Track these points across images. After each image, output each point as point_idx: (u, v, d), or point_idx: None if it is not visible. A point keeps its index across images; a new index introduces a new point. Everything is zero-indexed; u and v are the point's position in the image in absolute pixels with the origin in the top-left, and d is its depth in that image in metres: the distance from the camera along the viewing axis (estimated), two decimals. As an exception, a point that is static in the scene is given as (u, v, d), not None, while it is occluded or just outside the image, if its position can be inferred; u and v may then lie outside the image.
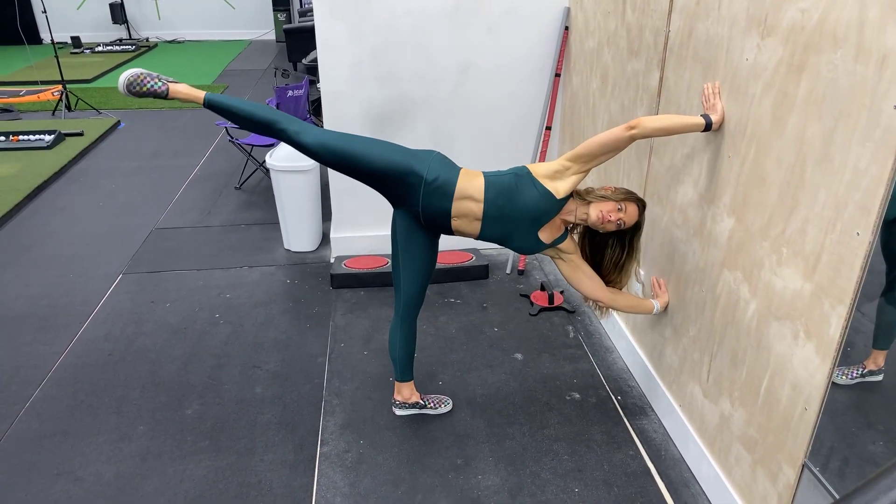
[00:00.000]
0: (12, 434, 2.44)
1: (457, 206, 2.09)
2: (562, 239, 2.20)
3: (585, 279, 2.25)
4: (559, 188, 2.07)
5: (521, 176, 2.09)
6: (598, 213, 2.09)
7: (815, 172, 1.55)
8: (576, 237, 2.28)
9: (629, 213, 2.11)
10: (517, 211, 2.08)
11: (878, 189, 1.35)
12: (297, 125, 2.07)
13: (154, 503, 2.14)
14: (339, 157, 2.07)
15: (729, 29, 1.89)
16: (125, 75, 2.04)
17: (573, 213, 2.14)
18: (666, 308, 2.39)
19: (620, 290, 2.32)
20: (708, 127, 1.95)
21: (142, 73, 2.06)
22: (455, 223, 2.12)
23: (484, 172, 2.14)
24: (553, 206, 2.09)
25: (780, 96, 1.67)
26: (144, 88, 2.06)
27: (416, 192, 2.08)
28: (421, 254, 2.22)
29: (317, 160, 2.12)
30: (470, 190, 2.08)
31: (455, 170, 2.12)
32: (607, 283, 2.30)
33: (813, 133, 1.55)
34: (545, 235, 2.16)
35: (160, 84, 2.07)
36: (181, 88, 2.08)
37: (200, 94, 2.07)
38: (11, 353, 2.91)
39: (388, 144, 2.11)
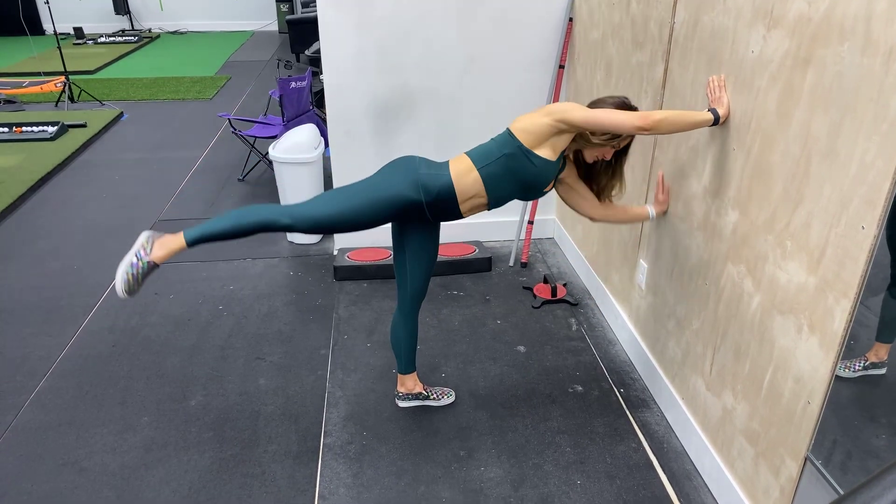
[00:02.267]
0: (18, 424, 2.45)
1: (465, 206, 2.09)
2: (561, 170, 2.19)
3: (580, 199, 2.25)
4: (556, 149, 2.02)
5: (513, 156, 2.01)
6: (595, 157, 2.14)
7: (820, 166, 1.54)
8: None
9: (622, 142, 2.13)
10: (521, 184, 2.07)
11: (884, 183, 1.35)
12: (286, 217, 2.01)
13: (158, 493, 2.16)
14: (336, 227, 2.07)
15: (735, 20, 1.88)
16: (119, 288, 1.99)
17: (569, 148, 2.13)
18: (664, 213, 2.39)
19: (611, 201, 2.30)
20: (716, 121, 1.94)
21: (126, 274, 1.97)
22: (465, 214, 2.14)
23: (472, 160, 2.05)
24: (553, 170, 2.07)
25: (785, 89, 1.66)
26: (140, 280, 2.00)
27: (421, 211, 2.06)
28: (429, 245, 2.23)
29: (320, 234, 2.10)
30: (471, 190, 2.05)
31: (444, 172, 2.05)
32: (601, 187, 2.26)
33: (819, 126, 1.54)
34: (549, 186, 2.16)
35: (144, 264, 1.99)
36: (160, 252, 2.01)
37: (180, 240, 2.02)
38: (17, 344, 2.93)
39: (374, 186, 2.04)
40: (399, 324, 2.38)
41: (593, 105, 2.06)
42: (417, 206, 2.04)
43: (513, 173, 2.03)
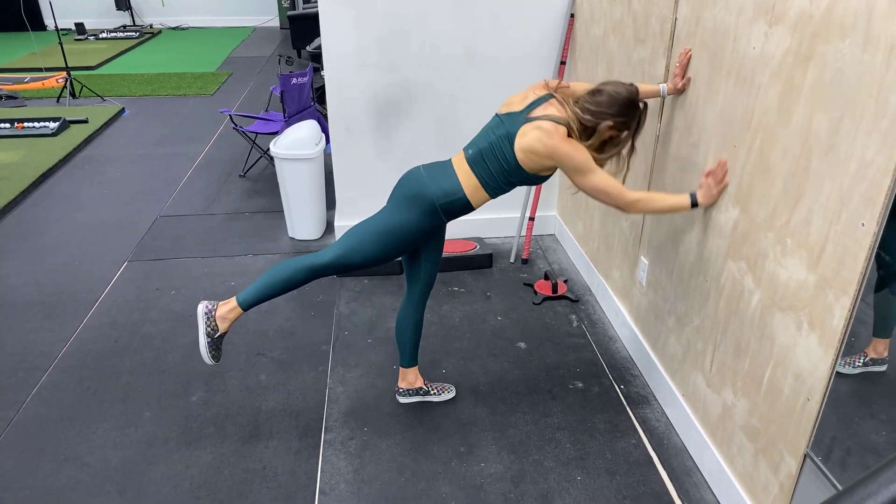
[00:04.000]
0: (20, 420, 2.46)
1: (478, 207, 2.17)
2: None
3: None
4: (547, 168, 2.08)
5: (521, 180, 2.10)
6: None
7: (820, 163, 1.54)
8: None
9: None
10: (525, 185, 2.16)
11: (884, 180, 1.35)
12: (328, 269, 2.14)
13: (160, 489, 2.17)
14: (375, 265, 2.20)
15: (736, 17, 1.88)
16: (208, 362, 2.19)
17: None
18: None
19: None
20: (694, 205, 2.02)
21: (208, 353, 2.16)
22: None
23: (478, 178, 2.09)
24: (548, 177, 2.13)
25: (786, 86, 1.66)
26: (219, 347, 2.19)
27: (441, 224, 2.17)
28: (441, 240, 2.30)
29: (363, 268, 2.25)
30: (484, 200, 2.15)
31: (458, 191, 2.10)
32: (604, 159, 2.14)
33: (819, 123, 1.54)
34: None
35: (216, 339, 2.17)
36: (224, 325, 2.17)
37: (237, 310, 2.16)
38: (18, 339, 2.93)
39: (397, 225, 2.11)
40: (407, 315, 2.40)
41: (598, 91, 2.03)
42: (439, 225, 2.16)
43: (518, 185, 2.15)
